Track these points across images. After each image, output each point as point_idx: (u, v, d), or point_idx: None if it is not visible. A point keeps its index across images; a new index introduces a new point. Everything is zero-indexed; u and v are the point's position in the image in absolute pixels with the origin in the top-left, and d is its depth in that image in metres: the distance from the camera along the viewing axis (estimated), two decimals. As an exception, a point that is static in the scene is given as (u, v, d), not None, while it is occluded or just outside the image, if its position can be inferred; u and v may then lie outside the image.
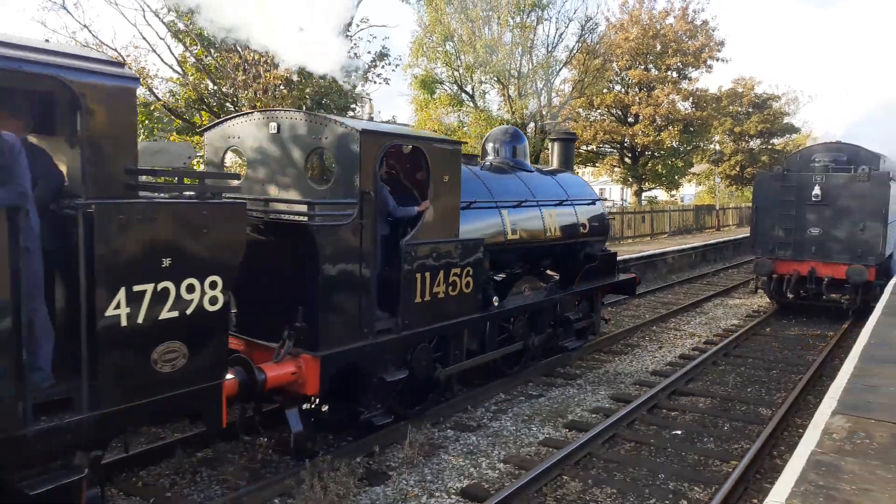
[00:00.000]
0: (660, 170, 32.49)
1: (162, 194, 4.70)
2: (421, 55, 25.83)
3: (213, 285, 4.55)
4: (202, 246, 4.50)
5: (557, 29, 27.11)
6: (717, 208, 40.42)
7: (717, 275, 22.29)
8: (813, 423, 5.64)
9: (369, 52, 18.88)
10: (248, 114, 7.03)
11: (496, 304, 8.28)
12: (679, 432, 7.65)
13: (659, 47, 32.14)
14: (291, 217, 6.23)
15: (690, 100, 33.77)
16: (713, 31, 33.01)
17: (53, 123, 4.49)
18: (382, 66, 18.54)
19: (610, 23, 32.36)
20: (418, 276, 6.85)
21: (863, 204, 13.54)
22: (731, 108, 41.13)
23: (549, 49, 27.09)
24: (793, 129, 46.11)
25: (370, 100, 18.54)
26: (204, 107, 16.37)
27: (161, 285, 4.25)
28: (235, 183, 5.27)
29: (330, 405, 6.39)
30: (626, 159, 33.79)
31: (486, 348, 8.40)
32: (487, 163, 9.86)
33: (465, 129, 26.33)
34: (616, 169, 36.12)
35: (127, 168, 4.21)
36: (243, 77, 15.10)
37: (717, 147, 43.42)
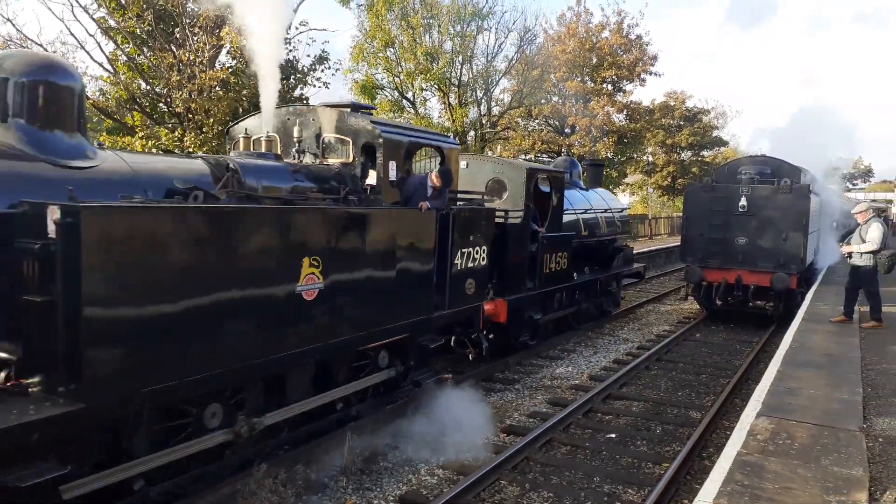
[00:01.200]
0: (595, 179, 33.23)
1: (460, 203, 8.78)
2: (361, 60, 25.71)
3: (484, 251, 8.60)
4: (481, 229, 8.54)
5: (497, 39, 27.48)
6: (650, 218, 41.62)
7: (649, 282, 22.89)
8: (739, 424, 5.87)
9: (308, 56, 18.69)
10: None
11: (575, 277, 12.63)
12: (613, 436, 7.82)
13: (595, 60, 32.89)
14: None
15: (625, 112, 34.67)
16: (647, 45, 34.00)
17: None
18: (322, 70, 18.38)
19: (548, 35, 32.95)
20: (545, 255, 11.17)
21: (785, 215, 14.15)
22: (663, 120, 42.39)
23: (489, 59, 27.43)
24: (721, 142, 47.88)
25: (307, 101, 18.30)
26: (136, 107, 15.86)
27: (468, 249, 8.24)
28: (489, 196, 9.81)
29: (493, 335, 10.30)
30: (563, 169, 34.45)
31: (566, 306, 12.66)
32: None
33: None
34: (553, 178, 36.63)
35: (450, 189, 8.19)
36: (178, 77, 14.69)
37: (650, 158, 44.69)
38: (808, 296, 13.50)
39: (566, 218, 12.21)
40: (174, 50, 15.11)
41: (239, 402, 5.59)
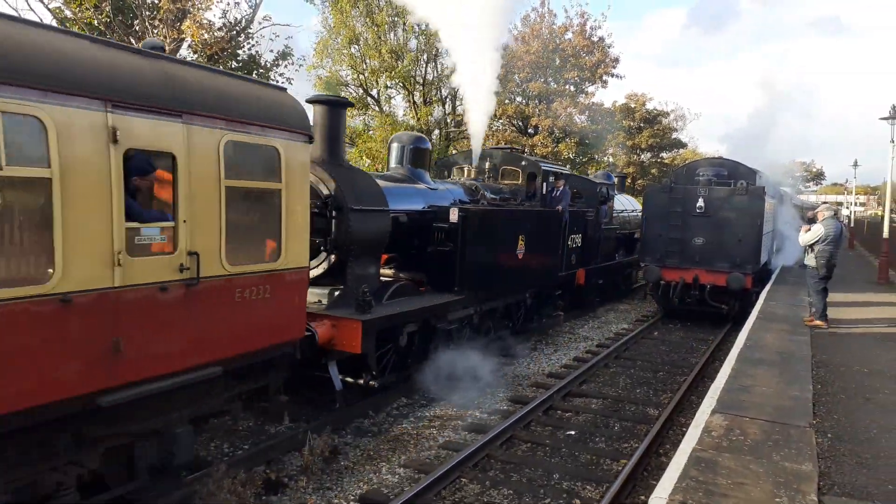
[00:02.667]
0: (557, 179, 33.50)
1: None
2: (325, 57, 25.51)
3: (579, 237, 14.37)
4: (579, 223, 14.37)
5: (462, 38, 27.45)
6: (611, 217, 41.90)
7: (610, 281, 23.19)
8: (694, 422, 5.99)
9: (272, 51, 18.44)
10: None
11: (617, 258, 17.95)
12: (573, 432, 7.91)
13: (558, 61, 33.13)
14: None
15: (587, 113, 35.01)
16: (609, 47, 34.39)
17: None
18: (285, 66, 18.18)
19: (512, 35, 33.09)
20: (602, 242, 16.25)
21: (741, 216, 14.48)
22: (624, 122, 42.97)
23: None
24: (680, 144, 48.70)
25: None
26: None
27: (573, 235, 13.92)
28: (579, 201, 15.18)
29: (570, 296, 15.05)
30: (526, 168, 34.63)
31: (609, 278, 17.52)
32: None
33: (371, 132, 26.19)
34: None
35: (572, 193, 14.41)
36: (136, 70, 14.37)
37: (611, 159, 45.26)
38: (762, 295, 13.83)
39: (616, 215, 18.15)
40: (133, 42, 14.77)
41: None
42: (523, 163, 13.17)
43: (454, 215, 9.41)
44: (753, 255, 14.45)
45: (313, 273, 7.78)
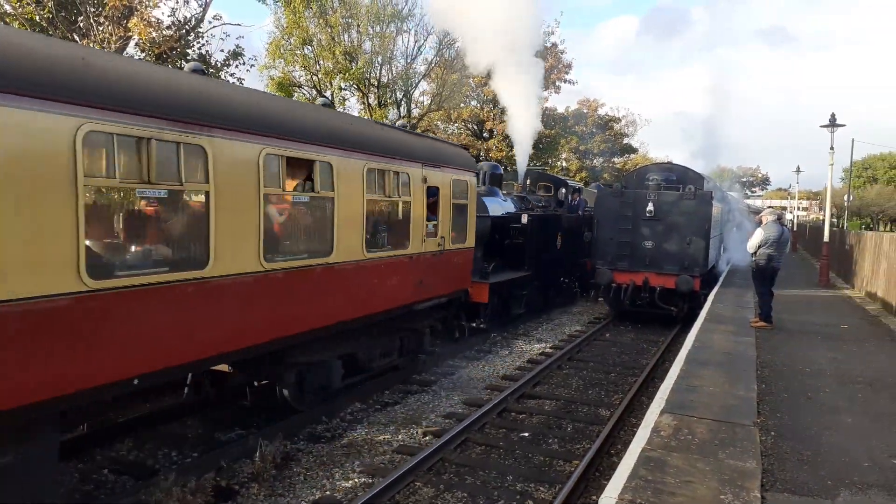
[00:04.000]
0: (512, 183, 33.76)
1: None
2: (278, 57, 25.21)
3: (589, 233, 17.70)
4: (587, 225, 17.99)
5: (417, 41, 27.53)
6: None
7: (563, 284, 23.47)
8: (644, 422, 6.10)
9: (222, 51, 18.14)
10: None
11: None
12: (526, 434, 7.97)
13: (513, 66, 33.41)
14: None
15: (540, 118, 35.39)
16: (562, 53, 34.90)
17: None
18: (236, 66, 17.92)
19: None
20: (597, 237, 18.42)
21: (689, 220, 14.81)
22: (576, 127, 43.61)
23: (409, 60, 27.44)
24: (631, 150, 49.68)
25: None
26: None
27: (585, 231, 18.19)
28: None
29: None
30: (481, 172, 34.81)
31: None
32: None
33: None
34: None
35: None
36: (81, 68, 13.94)
37: (564, 164, 45.86)
38: (710, 297, 14.16)
39: None
40: (77, 40, 14.35)
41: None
42: (552, 179, 18.98)
43: (525, 219, 14.17)
44: (701, 258, 14.80)
45: None
